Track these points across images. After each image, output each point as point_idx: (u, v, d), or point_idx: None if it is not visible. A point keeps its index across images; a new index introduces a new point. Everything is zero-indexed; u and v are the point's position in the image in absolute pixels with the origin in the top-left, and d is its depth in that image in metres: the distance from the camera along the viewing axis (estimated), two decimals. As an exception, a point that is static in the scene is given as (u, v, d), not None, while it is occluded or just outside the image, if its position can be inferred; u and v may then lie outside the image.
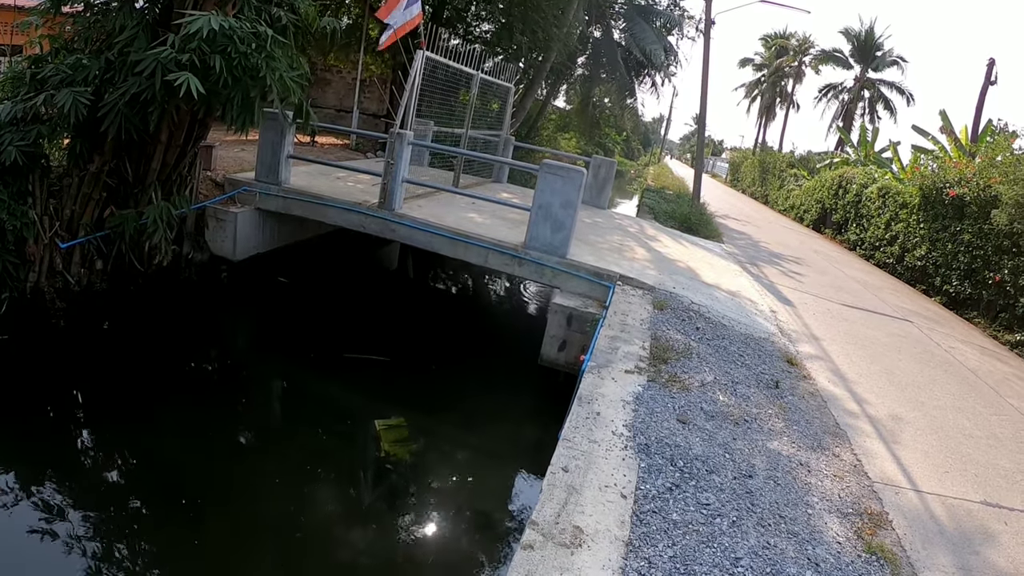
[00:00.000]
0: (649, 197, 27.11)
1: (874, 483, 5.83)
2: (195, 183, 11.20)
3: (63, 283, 9.67)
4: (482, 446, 8.77)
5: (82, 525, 6.02)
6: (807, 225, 28.29)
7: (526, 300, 16.03)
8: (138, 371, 8.95)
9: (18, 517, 5.97)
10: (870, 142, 30.43)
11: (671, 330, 8.41)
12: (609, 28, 34.67)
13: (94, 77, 8.79)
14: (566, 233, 10.19)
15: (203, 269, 11.59)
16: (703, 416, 6.27)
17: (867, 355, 9.75)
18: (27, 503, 6.17)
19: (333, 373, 9.84)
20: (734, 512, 4.80)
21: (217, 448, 7.79)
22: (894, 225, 19.52)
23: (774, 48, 68.14)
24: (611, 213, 18.07)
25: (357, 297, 13.26)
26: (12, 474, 6.61)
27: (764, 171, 41.09)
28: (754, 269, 14.61)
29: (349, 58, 24.64)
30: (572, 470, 4.91)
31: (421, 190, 13.30)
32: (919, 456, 6.66)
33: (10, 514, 6.00)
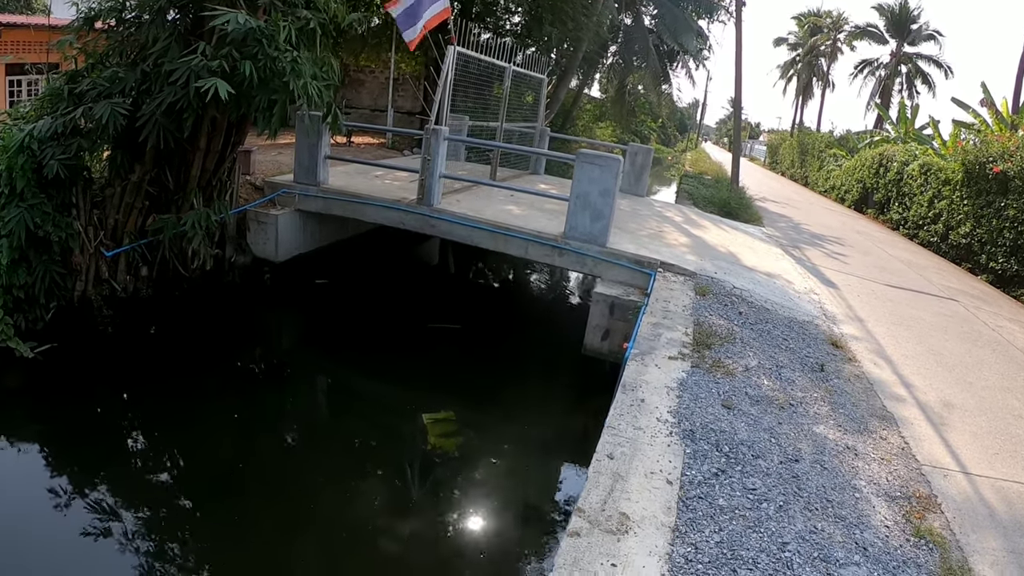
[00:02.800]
0: (687, 183, 26.95)
1: (922, 466, 5.80)
2: (235, 188, 11.38)
3: (109, 290, 9.88)
4: (527, 436, 8.82)
5: (135, 522, 6.18)
6: (848, 206, 27.97)
7: (567, 290, 16.05)
8: (186, 373, 9.13)
9: (73, 515, 6.14)
10: (909, 118, 30.03)
11: (713, 315, 8.40)
12: (639, 15, 34.46)
13: (130, 89, 9.00)
14: (605, 222, 10.19)
15: (246, 271, 11.78)
16: (748, 401, 6.27)
17: (913, 336, 9.66)
18: (81, 502, 6.34)
19: (379, 369, 9.94)
20: (780, 497, 4.81)
21: (265, 444, 7.96)
22: (937, 203, 19.22)
23: (807, 26, 67.48)
24: (650, 200, 18.04)
25: (399, 293, 13.36)
26: (67, 474, 6.82)
27: (803, 152, 40.69)
28: (796, 252, 14.50)
29: (380, 58, 24.79)
30: (617, 457, 4.94)
31: (459, 185, 13.40)
32: (968, 438, 6.60)
33: (65, 512, 6.18)
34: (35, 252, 8.98)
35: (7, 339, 8.46)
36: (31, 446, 7.45)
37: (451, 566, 6.37)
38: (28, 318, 8.97)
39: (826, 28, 65.31)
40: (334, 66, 9.89)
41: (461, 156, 17.75)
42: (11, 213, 8.55)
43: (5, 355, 8.37)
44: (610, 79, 39.93)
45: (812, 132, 48.89)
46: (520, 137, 18.13)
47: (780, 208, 23.62)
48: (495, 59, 14.55)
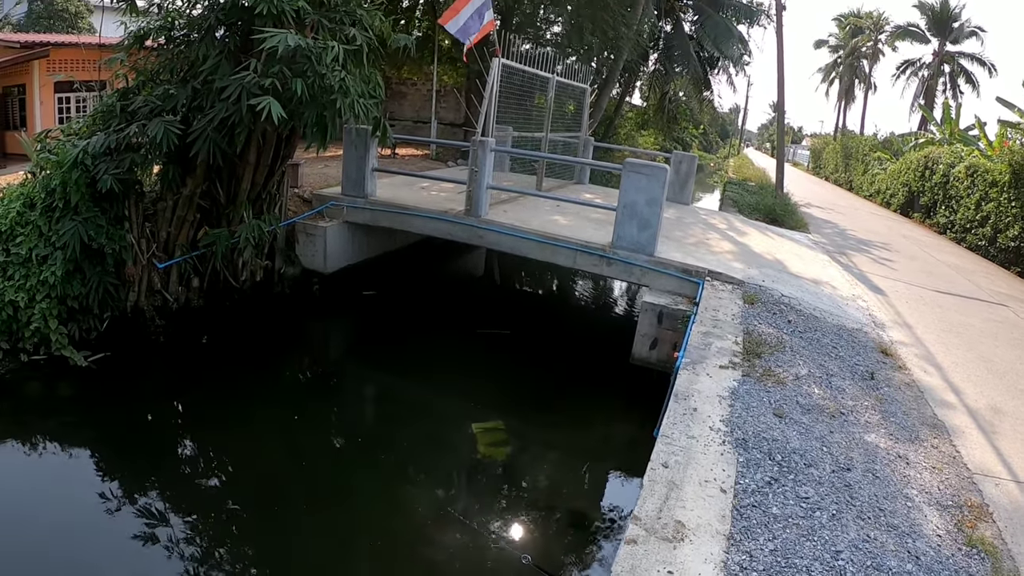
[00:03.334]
0: (731, 190, 26.90)
1: (973, 474, 5.84)
2: (284, 200, 11.66)
3: (162, 301, 10.21)
4: (577, 446, 8.91)
5: (186, 527, 6.42)
6: (894, 210, 27.73)
7: (612, 299, 16.15)
8: (236, 381, 9.41)
9: (126, 519, 6.39)
10: (954, 119, 29.75)
11: (763, 324, 8.46)
12: (679, 21, 34.47)
13: (181, 105, 9.25)
14: (653, 231, 10.27)
15: (295, 282, 12.03)
16: (799, 410, 6.35)
17: (963, 343, 9.64)
18: (133, 507, 6.60)
19: (427, 378, 10.11)
20: (833, 505, 4.88)
21: (315, 452, 8.13)
22: (984, 205, 19.03)
23: (848, 27, 67.02)
24: (695, 208, 18.06)
25: (446, 303, 13.54)
26: (120, 479, 7.06)
27: (847, 156, 40.37)
28: (843, 258, 14.48)
29: (423, 70, 25.12)
30: (672, 466, 5.05)
31: (505, 195, 13.56)
32: (1019, 446, 6.60)
33: (118, 517, 6.43)
34: (89, 264, 9.33)
35: (62, 347, 8.83)
36: (85, 452, 7.73)
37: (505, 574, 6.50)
38: (82, 328, 9.35)
39: (867, 29, 64.88)
40: (380, 82, 10.08)
41: (506, 167, 17.89)
42: (66, 226, 8.92)
43: (60, 363, 8.74)
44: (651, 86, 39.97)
45: (855, 135, 48.48)
46: (564, 147, 18.24)
47: (825, 214, 23.53)
48: (538, 70, 14.70)
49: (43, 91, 19.22)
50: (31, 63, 19.13)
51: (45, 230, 8.98)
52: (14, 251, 8.86)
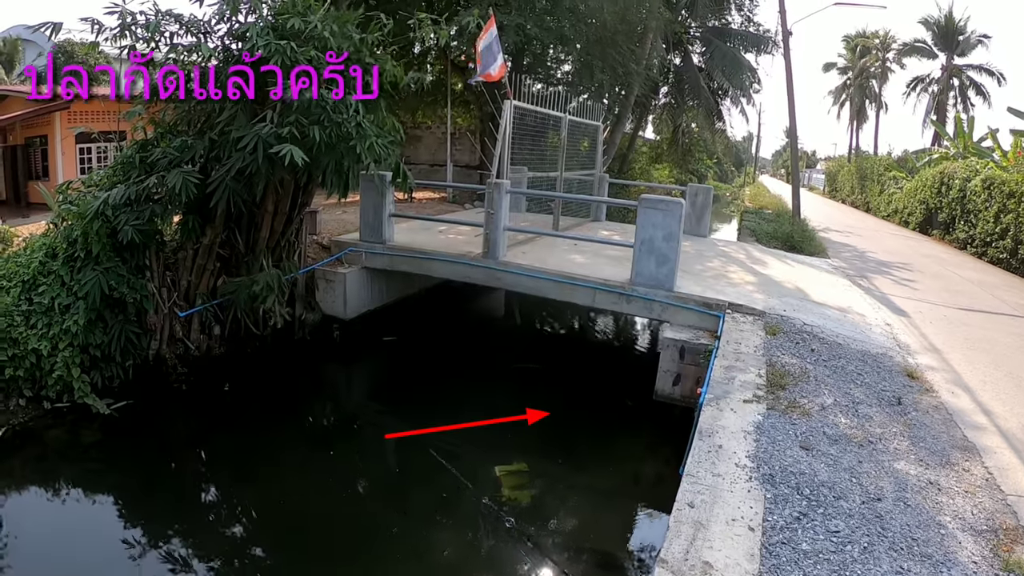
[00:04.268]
0: (748, 219, 26.87)
1: (1007, 496, 5.75)
2: (303, 247, 11.82)
3: (183, 349, 10.33)
4: (602, 486, 8.86)
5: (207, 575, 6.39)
6: (913, 228, 27.61)
7: (633, 335, 16.11)
8: (258, 429, 9.50)
9: (150, 567, 6.44)
10: (967, 132, 29.70)
11: (785, 354, 8.41)
12: (688, 54, 34.69)
13: (200, 156, 9.43)
14: (671, 266, 10.29)
15: (316, 329, 12.15)
16: (826, 441, 6.29)
17: (990, 360, 9.54)
18: (158, 554, 6.68)
19: (449, 421, 10.04)
20: (865, 538, 4.82)
21: (341, 499, 8.16)
22: (1003, 217, 18.90)
23: (856, 48, 67.12)
24: (712, 240, 18.08)
25: (466, 345, 13.54)
26: (143, 527, 7.14)
27: (862, 178, 40.32)
28: (863, 281, 14.41)
29: (437, 113, 25.38)
30: (698, 505, 5.01)
31: (522, 236, 13.63)
32: (1054, 462, 6.53)
33: (143, 564, 6.49)
34: (111, 313, 9.55)
35: (84, 395, 8.98)
36: (108, 499, 7.84)
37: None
38: (105, 376, 9.51)
39: (874, 48, 64.92)
40: (396, 126, 10.20)
41: (522, 207, 17.97)
42: (87, 276, 9.14)
43: (83, 411, 8.89)
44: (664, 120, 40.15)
45: (869, 156, 48.42)
46: (579, 185, 18.31)
47: (843, 237, 23.45)
48: (550, 109, 14.82)
49: (64, 142, 19.62)
50: (52, 115, 19.54)
51: (67, 279, 9.19)
52: (37, 300, 9.05)
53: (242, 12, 9.60)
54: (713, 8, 33.95)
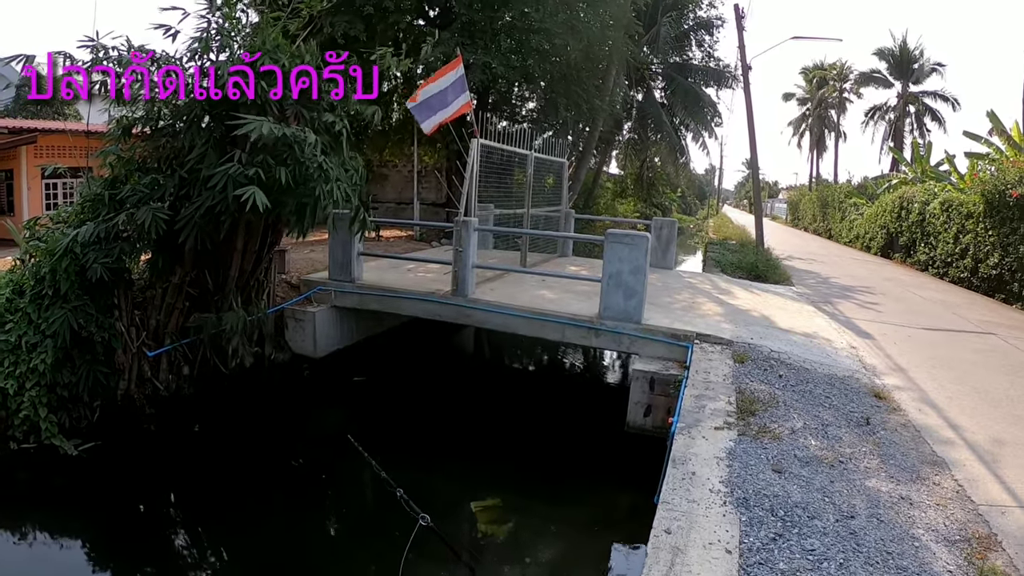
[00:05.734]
0: (713, 250, 27.08)
1: (979, 506, 5.84)
2: (272, 286, 11.83)
3: (152, 389, 10.21)
4: (578, 518, 8.86)
5: None
6: (875, 253, 28.03)
7: (603, 368, 16.17)
8: (228, 471, 9.38)
9: None
10: (924, 157, 30.26)
11: (754, 381, 8.50)
12: (650, 90, 35.26)
13: (169, 194, 9.37)
14: (639, 299, 10.37)
15: (286, 368, 12.06)
16: (798, 463, 6.35)
17: (955, 377, 9.69)
18: None
19: (422, 460, 10.02)
20: (840, 555, 4.87)
21: (312, 542, 8.03)
22: (962, 237, 19.29)
23: (814, 80, 68.37)
24: (678, 272, 18.23)
25: (437, 383, 13.52)
26: (113, 571, 7.14)
27: (823, 205, 40.91)
28: (828, 307, 14.58)
29: (403, 151, 25.41)
30: (675, 531, 5.04)
31: (491, 273, 13.70)
32: (1022, 472, 6.62)
33: None
34: (79, 352, 9.41)
35: (51, 436, 8.82)
36: (75, 542, 7.73)
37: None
38: (72, 416, 9.34)
39: (832, 80, 66.16)
40: (360, 165, 10.23)
41: (489, 244, 18.05)
42: (55, 314, 9.01)
43: (50, 452, 8.71)
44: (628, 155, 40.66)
45: (830, 184, 49.24)
46: (545, 221, 18.42)
47: (807, 264, 23.72)
48: (516, 147, 14.96)
49: (31, 177, 19.33)
50: (19, 148, 19.23)
51: (35, 317, 9.06)
52: (3, 338, 8.91)
53: (213, 51, 9.64)
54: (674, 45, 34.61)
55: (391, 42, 13.55)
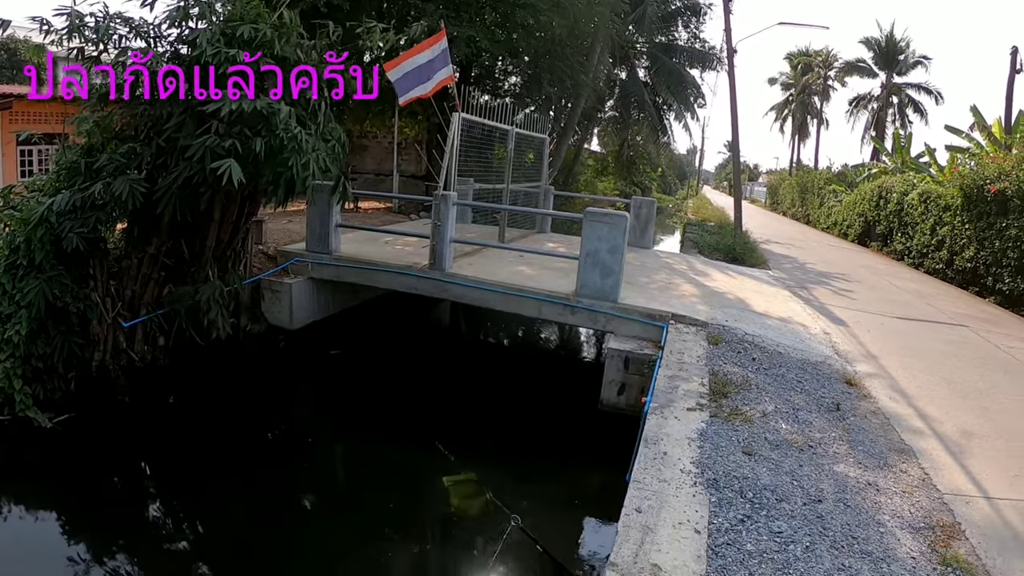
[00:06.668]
0: (691, 231, 27.14)
1: (944, 495, 5.91)
2: (249, 257, 11.67)
3: (127, 360, 10.06)
4: (550, 494, 8.89)
5: None
6: (852, 240, 28.18)
7: (579, 346, 16.18)
8: (204, 442, 9.28)
9: None
10: (905, 148, 30.37)
11: (728, 364, 8.55)
12: (634, 69, 35.18)
13: (146, 163, 9.18)
14: (615, 278, 10.39)
15: (261, 339, 11.98)
16: (768, 446, 6.40)
17: (926, 366, 9.78)
18: (102, 572, 6.47)
19: (396, 435, 9.99)
20: (807, 538, 4.92)
21: (287, 514, 8.03)
22: (939, 229, 19.43)
23: (799, 66, 68.38)
24: (656, 252, 18.22)
25: (413, 357, 13.49)
26: (86, 544, 6.96)
27: (803, 191, 41.04)
28: (804, 292, 14.67)
29: (384, 123, 25.15)
30: (645, 510, 5.07)
31: (469, 248, 13.65)
32: (987, 463, 6.70)
33: None
34: (53, 323, 9.22)
35: (25, 408, 8.61)
36: (49, 515, 7.61)
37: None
38: (47, 388, 9.15)
39: (816, 67, 66.19)
40: (341, 136, 10.11)
41: (468, 218, 17.95)
42: (30, 284, 8.79)
43: (24, 425, 8.53)
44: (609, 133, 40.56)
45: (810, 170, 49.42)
46: (525, 197, 18.37)
47: (784, 249, 23.83)
48: (497, 122, 14.88)
49: (5, 144, 18.96)
50: None
51: (8, 288, 8.86)
52: None
53: (192, 19, 9.48)
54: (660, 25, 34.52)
55: (375, 11, 13.38)
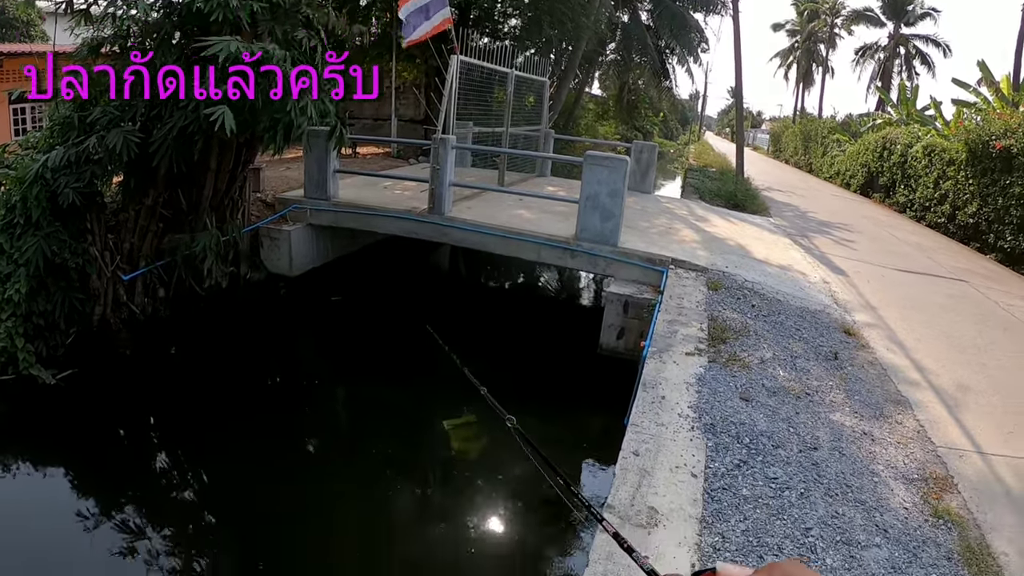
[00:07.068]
0: (692, 177, 26.96)
1: (938, 448, 5.95)
2: (246, 205, 11.55)
3: (128, 313, 9.99)
4: (549, 437, 8.89)
5: (163, 544, 6.26)
6: (854, 190, 28.01)
7: (578, 291, 16.18)
8: (206, 392, 9.25)
9: (102, 537, 6.24)
10: (910, 100, 30.04)
11: (727, 310, 8.55)
12: (636, 11, 34.72)
13: (140, 115, 9.08)
14: (615, 221, 10.35)
15: (261, 287, 11.91)
16: (765, 392, 6.43)
17: (925, 319, 9.79)
18: (110, 524, 6.44)
19: (397, 379, 10.01)
20: (801, 484, 4.96)
21: (288, 459, 8.04)
22: (942, 183, 19.27)
23: (805, 12, 67.55)
24: (656, 197, 18.15)
25: (413, 302, 13.46)
26: (94, 497, 6.90)
27: (806, 139, 40.71)
28: (804, 241, 14.63)
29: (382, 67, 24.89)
30: (643, 454, 5.10)
31: (468, 191, 13.56)
32: (982, 418, 6.73)
33: (92, 536, 6.26)
34: (53, 279, 9.13)
35: (29, 366, 8.52)
36: (57, 471, 7.56)
37: (483, 567, 6.53)
38: (49, 345, 9.08)
39: (823, 14, 65.42)
40: (336, 82, 9.99)
41: (467, 162, 17.85)
42: (28, 242, 8.70)
43: (28, 383, 8.46)
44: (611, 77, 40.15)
45: (814, 118, 48.91)
46: (525, 141, 18.25)
47: (786, 197, 23.72)
48: (496, 65, 14.72)
49: None
50: None
51: (7, 247, 8.76)
52: None
53: None
54: (664, -35, 33.91)
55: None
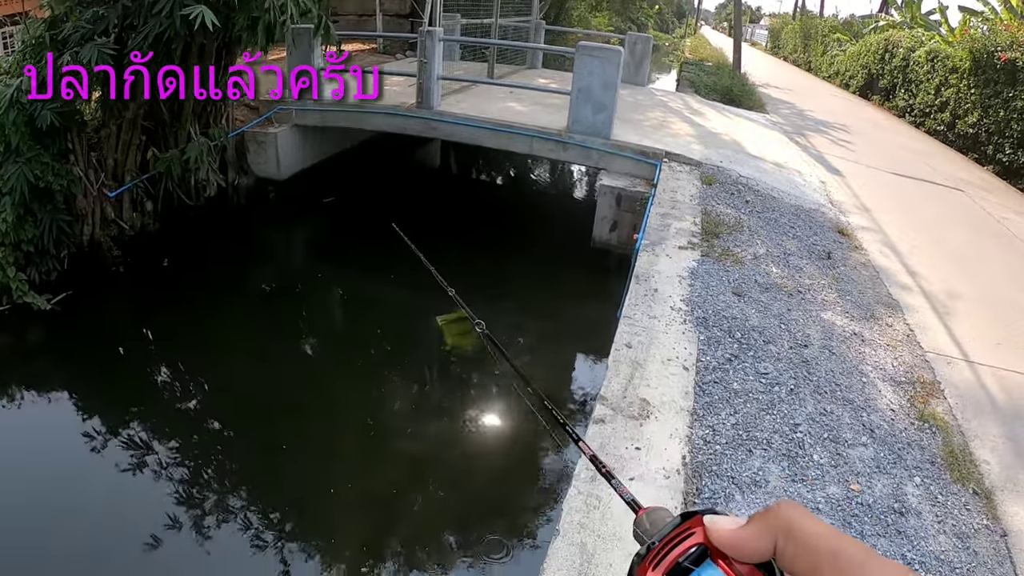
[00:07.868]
0: (688, 70, 26.51)
1: (926, 353, 5.96)
2: (230, 110, 11.25)
3: (117, 230, 9.81)
4: (543, 330, 8.95)
5: (172, 454, 6.29)
6: (853, 92, 27.63)
7: (572, 184, 16.06)
8: (202, 301, 9.19)
9: (112, 454, 6.24)
10: (916, 3, 29.50)
11: (721, 204, 8.48)
12: None
13: (113, 26, 8.72)
14: (608, 114, 10.17)
15: (250, 192, 11.71)
16: (757, 288, 6.40)
17: (919, 225, 9.74)
18: (118, 440, 6.44)
19: (391, 276, 9.93)
20: (791, 381, 4.96)
21: (290, 362, 8.09)
22: (944, 91, 18.98)
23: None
24: (651, 89, 17.83)
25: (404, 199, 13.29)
26: (100, 416, 6.90)
27: (806, 37, 40.03)
28: (801, 139, 14.46)
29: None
30: (635, 346, 5.08)
31: (457, 85, 13.20)
32: (971, 328, 6.73)
33: (105, 453, 6.26)
34: (39, 204, 8.91)
35: (23, 294, 8.36)
36: (62, 395, 7.54)
37: (477, 462, 6.59)
38: (41, 271, 8.92)
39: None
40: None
41: (456, 56, 17.41)
42: (10, 170, 8.44)
43: (23, 311, 8.33)
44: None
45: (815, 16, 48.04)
46: (514, 32, 17.82)
47: (783, 94, 23.37)
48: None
49: None
50: None
51: None
52: None
53: None
54: None
55: None
